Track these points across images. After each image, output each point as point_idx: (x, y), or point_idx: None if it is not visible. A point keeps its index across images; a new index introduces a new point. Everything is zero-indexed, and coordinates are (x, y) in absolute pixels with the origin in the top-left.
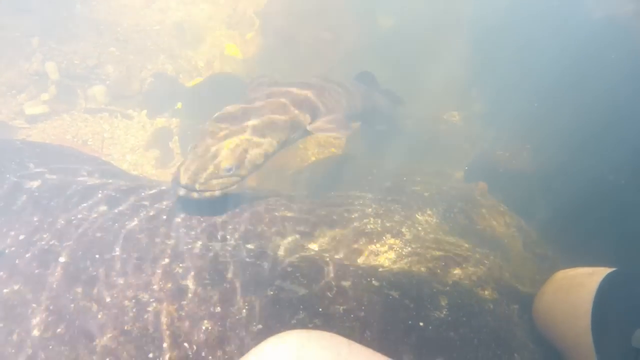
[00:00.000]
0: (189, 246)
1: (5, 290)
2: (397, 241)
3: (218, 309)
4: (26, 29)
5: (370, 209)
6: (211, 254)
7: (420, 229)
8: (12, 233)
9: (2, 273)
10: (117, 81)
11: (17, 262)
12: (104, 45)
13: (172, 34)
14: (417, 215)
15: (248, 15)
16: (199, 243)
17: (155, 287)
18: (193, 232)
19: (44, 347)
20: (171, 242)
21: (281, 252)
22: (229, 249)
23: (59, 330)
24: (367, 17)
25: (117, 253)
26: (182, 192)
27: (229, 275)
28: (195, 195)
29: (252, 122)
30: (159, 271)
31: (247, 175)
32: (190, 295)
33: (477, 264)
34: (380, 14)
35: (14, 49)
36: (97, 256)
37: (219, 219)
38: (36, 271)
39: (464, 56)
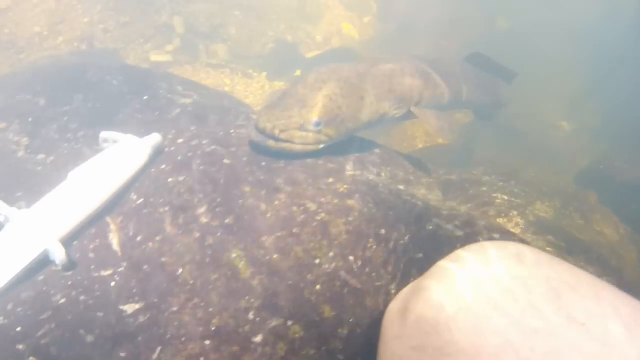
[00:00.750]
0: (351, 172)
1: (169, 179)
2: (522, 220)
3: (382, 230)
4: None
5: (496, 187)
6: (371, 182)
7: (540, 215)
8: (170, 136)
9: (164, 165)
10: (239, 42)
11: (179, 158)
12: (228, 8)
13: (293, 7)
14: (537, 203)
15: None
16: (359, 171)
17: (322, 199)
18: (351, 162)
19: (212, 233)
20: (333, 165)
21: (431, 201)
22: (385, 182)
23: (227, 220)
24: (486, 15)
25: (282, 165)
26: (256, 137)
27: (389, 203)
28: (271, 143)
29: (354, 81)
30: (324, 187)
31: (335, 138)
32: (356, 213)
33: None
34: (500, 15)
35: (145, 3)
36: (262, 163)
37: (369, 156)
38: (201, 167)
39: (580, 65)
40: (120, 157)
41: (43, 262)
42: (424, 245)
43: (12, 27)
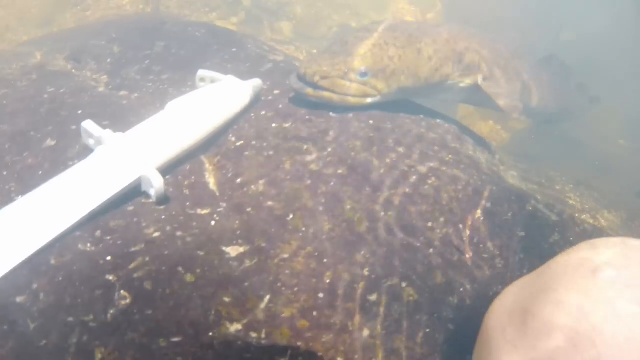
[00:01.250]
0: (452, 145)
1: (273, 125)
2: (595, 223)
3: (488, 204)
4: None
5: (567, 188)
6: (472, 157)
7: (610, 222)
8: (265, 87)
9: (265, 112)
10: (304, 22)
11: (280, 107)
12: None
13: None
14: (605, 212)
15: None
16: (459, 145)
17: (432, 165)
18: (450, 136)
19: (325, 182)
20: (435, 136)
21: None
22: (483, 160)
23: (339, 171)
24: (550, 26)
25: (389, 126)
26: (295, 84)
27: (491, 179)
28: (310, 92)
29: (411, 32)
30: (431, 154)
31: (386, 93)
32: (463, 183)
33: None
34: (565, 26)
35: None
36: (370, 122)
37: (464, 135)
38: (307, 117)
39: None
40: (221, 95)
41: (132, 192)
42: (525, 224)
43: None
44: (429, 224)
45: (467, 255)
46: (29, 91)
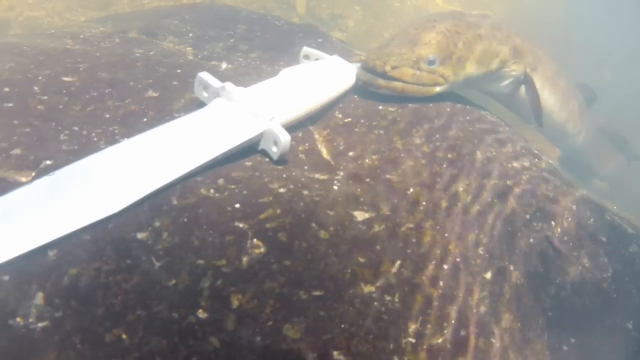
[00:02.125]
0: (536, 151)
1: (380, 107)
2: None
3: (574, 207)
4: None
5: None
6: (549, 165)
7: None
8: None
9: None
10: (356, 35)
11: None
12: (350, 2)
13: (410, 13)
14: None
15: None
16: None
17: (525, 163)
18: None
19: (438, 163)
20: (522, 142)
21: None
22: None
23: (449, 155)
24: (591, 63)
25: (488, 127)
26: (364, 76)
27: (570, 186)
28: (381, 82)
29: (469, 19)
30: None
31: (453, 81)
32: (551, 185)
33: None
34: (606, 66)
35: None
36: (467, 118)
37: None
38: (410, 104)
39: None
40: (331, 71)
41: (248, 148)
42: (605, 231)
43: None
44: (527, 216)
45: (561, 250)
46: (117, 49)
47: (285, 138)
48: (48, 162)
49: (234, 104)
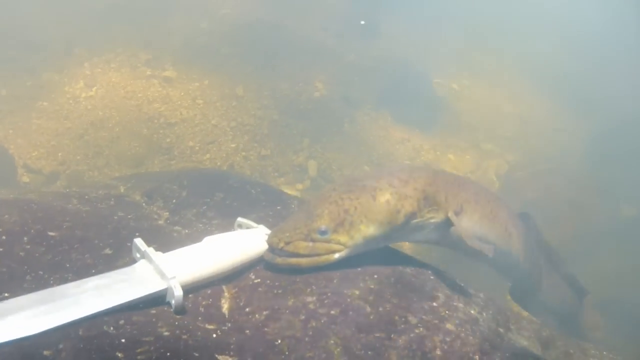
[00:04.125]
0: (455, 303)
1: None
2: None
3: (476, 357)
4: (302, 130)
5: None
6: (472, 315)
7: None
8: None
9: None
10: None
11: None
12: (360, 161)
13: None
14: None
15: (489, 176)
16: (462, 304)
17: (423, 317)
18: (457, 296)
19: (317, 318)
20: (440, 294)
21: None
22: (486, 320)
23: (332, 312)
24: (609, 204)
25: (392, 281)
26: (266, 255)
27: (487, 336)
28: (279, 261)
29: (365, 182)
30: (426, 307)
31: (351, 245)
32: (453, 336)
33: None
34: (624, 202)
35: (287, 143)
36: (375, 276)
37: (474, 297)
38: None
39: None
40: (250, 239)
41: (160, 299)
42: None
43: (173, 138)
44: None
45: None
46: (104, 212)
47: (178, 294)
48: (6, 294)
49: (151, 264)
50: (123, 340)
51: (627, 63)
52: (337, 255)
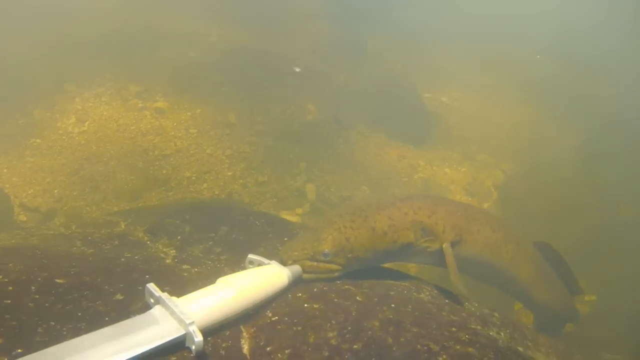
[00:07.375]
0: (473, 326)
1: (305, 305)
2: None
3: None
4: (298, 154)
5: None
6: (491, 337)
7: None
8: None
9: (301, 294)
10: None
11: (315, 290)
12: (358, 182)
13: (417, 187)
14: None
15: (486, 187)
16: (480, 327)
17: (445, 344)
18: (473, 318)
19: (340, 354)
20: (456, 318)
21: None
22: (505, 340)
23: (355, 346)
24: (608, 203)
25: (410, 309)
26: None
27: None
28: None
29: (367, 213)
30: (447, 333)
31: (348, 266)
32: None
33: None
34: (623, 201)
35: (284, 168)
36: (392, 305)
37: (490, 317)
38: (335, 300)
39: None
40: (264, 277)
41: (179, 345)
42: None
43: (169, 170)
44: None
45: None
46: (110, 253)
47: (198, 339)
48: (19, 350)
49: (167, 310)
50: None
51: (617, 65)
52: (336, 274)
